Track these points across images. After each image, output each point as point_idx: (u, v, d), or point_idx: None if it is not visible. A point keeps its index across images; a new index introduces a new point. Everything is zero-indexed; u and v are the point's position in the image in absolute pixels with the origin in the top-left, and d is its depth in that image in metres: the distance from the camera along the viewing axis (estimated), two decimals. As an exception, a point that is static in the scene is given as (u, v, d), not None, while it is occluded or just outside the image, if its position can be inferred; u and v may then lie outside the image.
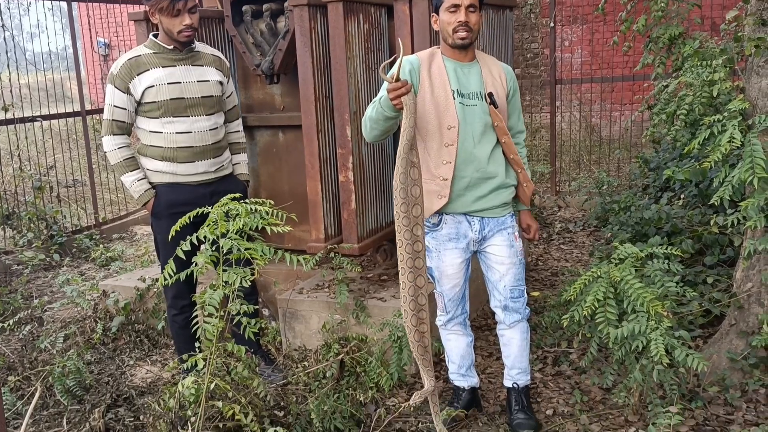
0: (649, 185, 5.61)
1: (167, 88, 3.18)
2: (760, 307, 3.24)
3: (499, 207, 2.89)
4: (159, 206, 3.29)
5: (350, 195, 3.65)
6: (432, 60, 2.84)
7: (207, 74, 3.31)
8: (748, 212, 2.92)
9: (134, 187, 3.26)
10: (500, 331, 3.05)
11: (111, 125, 3.23)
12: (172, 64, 3.22)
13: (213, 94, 3.32)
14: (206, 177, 3.33)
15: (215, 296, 2.13)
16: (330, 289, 3.89)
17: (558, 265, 5.32)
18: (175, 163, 3.25)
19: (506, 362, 3.09)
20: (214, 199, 3.21)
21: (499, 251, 2.90)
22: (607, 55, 9.15)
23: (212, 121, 3.32)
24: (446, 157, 2.80)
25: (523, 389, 3.08)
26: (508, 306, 2.94)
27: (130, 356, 4.02)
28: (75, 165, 7.94)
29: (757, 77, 3.27)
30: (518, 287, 2.94)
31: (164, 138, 3.22)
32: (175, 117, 3.21)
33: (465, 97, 2.81)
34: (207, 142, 3.30)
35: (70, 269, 5.89)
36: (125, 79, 3.16)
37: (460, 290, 3.01)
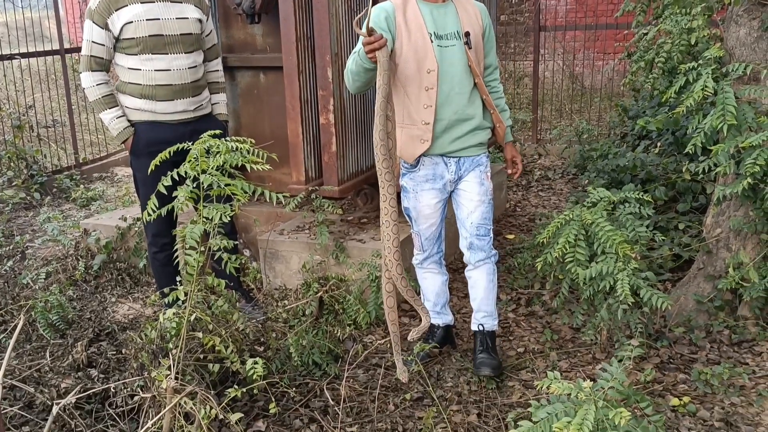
0: (627, 134, 5.68)
1: (146, 24, 3.16)
2: (727, 251, 3.34)
3: (474, 146, 2.93)
4: (138, 144, 3.30)
5: (331, 137, 3.67)
6: (407, 4, 2.82)
7: (186, 11, 3.28)
8: (718, 158, 2.99)
9: (113, 125, 3.26)
10: (467, 272, 3.11)
11: (89, 61, 3.21)
12: (150, 0, 3.19)
13: (192, 32, 3.30)
14: (185, 116, 3.34)
15: (196, 230, 2.18)
16: (310, 231, 3.95)
17: (536, 211, 5.41)
18: (153, 101, 3.25)
19: (473, 305, 3.13)
20: (194, 138, 3.21)
21: (469, 188, 2.95)
22: (592, 2, 9.11)
23: (191, 59, 3.31)
24: (426, 101, 2.81)
25: (488, 333, 3.11)
26: (474, 244, 2.99)
27: (112, 293, 4.08)
28: (54, 105, 7.86)
29: (736, 26, 3.30)
30: (485, 225, 2.98)
31: (143, 75, 3.22)
32: (154, 54, 3.20)
33: (443, 39, 2.81)
34: (186, 81, 3.29)
35: (50, 208, 5.90)
36: (103, 14, 3.14)
37: (437, 230, 3.07)
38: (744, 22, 3.27)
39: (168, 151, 2.42)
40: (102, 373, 3.07)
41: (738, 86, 3.12)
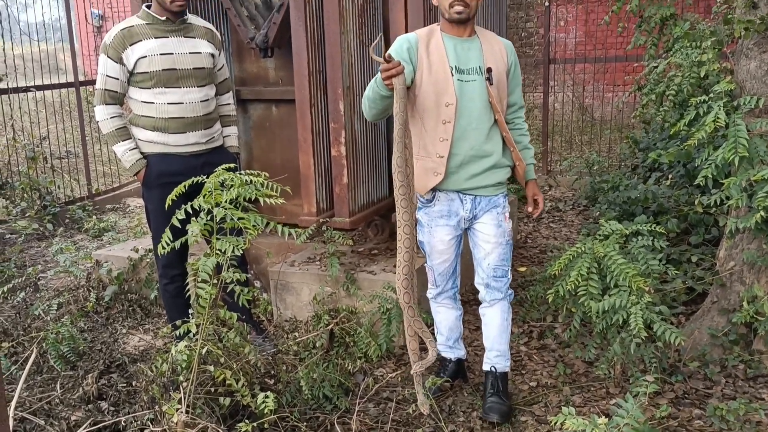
0: (638, 165, 5.68)
1: (159, 58, 3.21)
2: (741, 285, 3.31)
3: (492, 186, 2.89)
4: (150, 176, 3.34)
5: (342, 169, 3.69)
6: (431, 37, 2.83)
7: (199, 46, 3.33)
8: (730, 191, 2.98)
9: (126, 157, 3.30)
10: (482, 309, 3.09)
11: (103, 95, 3.26)
12: (164, 36, 3.24)
13: (204, 66, 3.35)
14: (197, 148, 3.37)
15: (209, 263, 2.19)
16: (321, 262, 3.95)
17: (546, 242, 5.39)
18: (166, 133, 3.28)
19: (486, 343, 3.10)
20: (205, 169, 3.25)
21: (486, 229, 2.92)
22: (601, 35, 9.17)
23: (203, 93, 3.35)
24: (443, 135, 2.80)
25: (500, 375, 3.07)
26: (490, 284, 2.97)
27: (123, 325, 4.08)
28: (68, 136, 7.93)
29: (746, 59, 3.32)
30: (502, 267, 2.95)
31: (156, 108, 3.26)
32: (167, 88, 3.25)
33: (464, 73, 2.79)
34: (198, 114, 3.33)
35: (63, 239, 5.93)
36: (118, 49, 3.19)
37: (450, 265, 3.05)
38: (754, 55, 3.28)
39: (183, 185, 2.43)
40: (112, 405, 3.05)
41: (749, 119, 3.12)
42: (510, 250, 2.97)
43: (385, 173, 4.10)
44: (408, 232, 2.52)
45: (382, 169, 4.07)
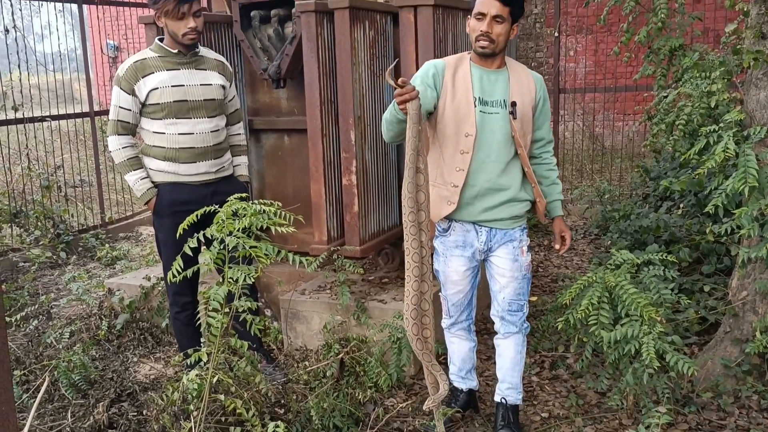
0: (649, 194, 5.67)
1: (171, 90, 3.26)
2: (754, 315, 3.29)
3: (508, 219, 2.86)
4: (161, 205, 3.37)
5: (353, 198, 3.71)
6: (459, 65, 2.81)
7: (210, 78, 3.38)
8: (741, 221, 2.97)
9: (137, 186, 3.34)
10: (496, 340, 3.08)
11: (116, 125, 3.32)
12: (176, 68, 3.30)
13: (215, 97, 3.40)
14: (207, 177, 3.41)
15: (220, 292, 2.20)
16: (332, 291, 3.96)
17: (558, 271, 5.38)
18: (176, 163, 3.33)
19: (498, 374, 3.09)
20: (215, 198, 3.30)
21: (501, 263, 2.90)
22: (611, 65, 9.22)
23: (214, 123, 3.40)
24: (460, 164, 2.78)
25: (511, 407, 3.06)
26: (505, 318, 2.96)
27: (134, 353, 4.09)
28: (82, 165, 8.04)
29: (756, 89, 3.33)
30: (517, 301, 2.94)
31: (167, 139, 3.31)
32: (178, 119, 3.29)
33: (487, 105, 2.78)
34: (208, 144, 3.38)
35: (76, 267, 5.97)
36: (131, 81, 3.25)
37: (465, 297, 3.03)
38: (764, 85, 3.30)
39: (195, 215, 2.46)
40: (122, 434, 3.05)
41: (759, 149, 3.12)
42: (527, 284, 2.95)
43: (395, 202, 4.12)
44: (416, 260, 2.48)
45: (393, 197, 4.09)
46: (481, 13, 2.71)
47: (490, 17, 2.69)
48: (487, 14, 2.70)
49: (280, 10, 3.97)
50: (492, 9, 2.69)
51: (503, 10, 2.69)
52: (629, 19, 4.11)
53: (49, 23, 9.06)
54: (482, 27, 2.71)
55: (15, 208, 6.34)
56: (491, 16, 2.69)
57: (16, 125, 6.45)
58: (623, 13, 4.07)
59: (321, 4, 3.59)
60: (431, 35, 3.52)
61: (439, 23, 3.57)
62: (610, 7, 4.11)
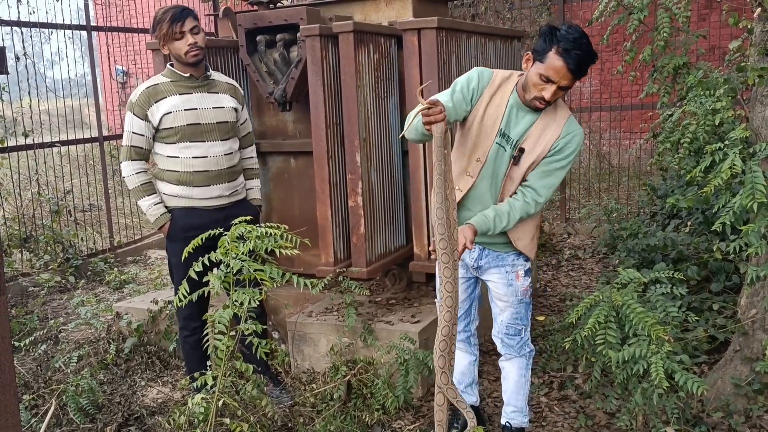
0: (657, 212, 5.65)
1: (184, 114, 3.29)
2: (764, 333, 3.26)
3: (500, 243, 2.83)
4: (174, 229, 3.39)
5: (359, 219, 3.72)
6: (502, 86, 2.71)
7: (222, 101, 3.42)
8: (749, 238, 2.96)
9: (151, 211, 3.36)
10: (500, 362, 3.07)
11: (130, 151, 3.34)
12: (188, 92, 3.33)
13: (228, 120, 3.43)
14: (220, 201, 3.42)
15: (225, 315, 2.20)
16: (339, 313, 3.95)
17: (566, 291, 5.35)
18: (190, 187, 3.35)
19: (504, 396, 3.07)
20: (227, 222, 3.30)
21: (496, 288, 2.89)
22: (616, 83, 9.24)
23: (227, 146, 3.42)
24: (462, 185, 2.76)
25: (516, 430, 3.04)
26: (504, 341, 2.96)
27: (142, 377, 4.09)
28: (92, 190, 8.09)
29: (761, 106, 3.33)
30: (514, 326, 2.92)
31: (181, 162, 3.33)
32: (192, 142, 3.32)
33: (504, 138, 2.70)
34: (222, 167, 3.40)
35: (84, 291, 5.99)
36: (143, 106, 3.28)
37: (461, 306, 3.00)
38: (769, 102, 3.30)
39: (201, 237, 2.47)
40: (130, 459, 3.05)
41: (766, 165, 3.11)
42: (525, 308, 2.92)
43: (402, 223, 4.13)
44: (450, 289, 2.35)
45: (399, 218, 4.10)
46: (548, 79, 2.55)
47: (557, 87, 2.56)
48: (556, 83, 2.55)
49: (286, 34, 4.01)
50: (563, 80, 2.55)
51: (573, 82, 2.58)
52: (633, 38, 4.12)
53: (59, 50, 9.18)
54: (545, 93, 2.57)
55: (25, 233, 6.39)
56: (559, 86, 2.56)
57: (26, 151, 6.51)
58: (627, 32, 4.08)
59: (325, 28, 3.63)
60: (435, 57, 3.55)
61: (443, 45, 3.59)
62: (614, 26, 4.13)
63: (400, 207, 4.10)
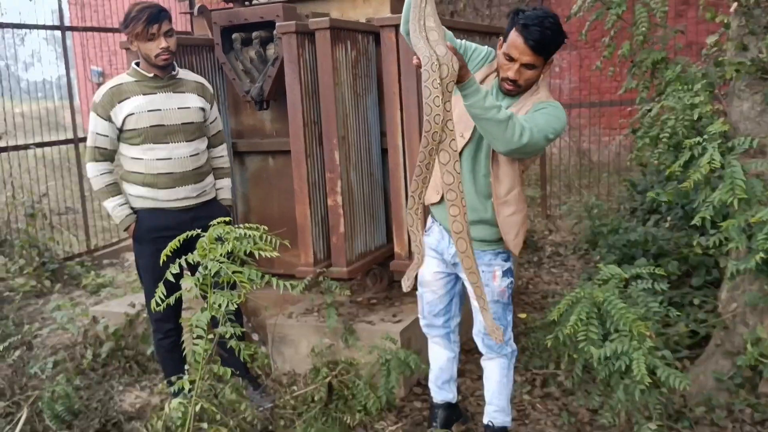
0: (637, 208, 5.67)
1: (147, 115, 3.23)
2: (745, 327, 3.27)
3: (477, 241, 2.69)
4: (140, 231, 3.33)
5: (339, 219, 3.68)
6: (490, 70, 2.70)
7: (188, 101, 3.35)
8: (729, 233, 2.96)
9: (116, 212, 3.31)
10: (482, 361, 3.04)
11: (94, 152, 3.28)
12: (152, 92, 3.27)
13: (194, 121, 3.36)
14: (187, 203, 3.37)
15: (203, 318, 2.16)
16: (319, 313, 3.91)
17: (548, 288, 5.35)
18: (155, 188, 3.29)
19: (486, 396, 3.04)
20: (195, 224, 3.26)
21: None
22: (596, 80, 9.26)
23: (192, 147, 3.36)
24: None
25: (499, 429, 3.02)
26: (484, 340, 2.93)
27: (120, 382, 4.01)
28: (68, 192, 7.97)
29: (739, 100, 3.34)
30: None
31: (145, 164, 3.27)
32: (156, 144, 3.26)
33: None
34: (187, 168, 3.34)
35: (61, 296, 5.89)
36: (107, 107, 3.22)
37: (439, 300, 2.97)
38: (746, 96, 3.31)
39: (178, 240, 2.42)
40: (107, 466, 2.99)
41: (744, 159, 3.12)
42: (503, 308, 2.87)
43: (382, 221, 4.09)
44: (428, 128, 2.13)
45: (380, 217, 4.06)
46: (510, 57, 2.52)
47: (520, 64, 2.52)
48: (517, 60, 2.52)
49: (262, 32, 3.96)
50: (524, 57, 2.50)
51: (536, 59, 2.52)
52: (611, 33, 4.12)
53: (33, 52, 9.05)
54: (510, 73, 2.54)
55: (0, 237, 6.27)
56: (521, 63, 2.52)
57: (0, 154, 6.40)
58: (606, 28, 4.08)
59: (302, 25, 3.58)
60: (414, 54, 3.51)
61: (421, 42, 3.55)
62: (592, 22, 4.12)
63: (380, 206, 4.07)
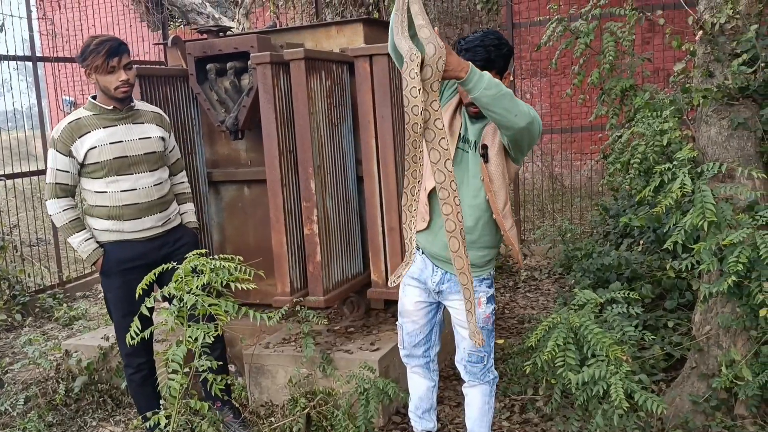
0: (609, 232, 5.72)
1: (109, 148, 3.21)
2: (719, 349, 3.30)
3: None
4: (108, 264, 3.30)
5: (315, 247, 3.68)
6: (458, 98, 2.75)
7: (148, 131, 3.34)
8: (701, 256, 3.00)
9: (82, 248, 3.27)
10: (464, 388, 3.02)
11: (54, 188, 3.24)
12: (113, 124, 3.25)
13: (155, 150, 3.35)
14: (153, 232, 3.34)
15: (179, 353, 2.13)
16: (296, 343, 3.88)
17: (524, 312, 5.37)
18: (121, 221, 3.26)
19: (467, 423, 3.03)
20: (163, 250, 3.27)
21: (458, 314, 2.84)
22: (566, 106, 9.40)
23: (156, 177, 3.34)
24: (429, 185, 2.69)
25: None
26: (467, 368, 2.92)
27: (93, 417, 3.94)
28: (39, 223, 7.88)
29: (707, 126, 3.41)
30: (477, 353, 2.87)
31: (109, 197, 3.24)
32: (119, 175, 3.24)
33: (465, 143, 2.72)
34: (152, 198, 3.32)
35: (32, 329, 5.79)
36: (66, 142, 3.18)
37: (420, 330, 2.97)
38: (714, 121, 3.38)
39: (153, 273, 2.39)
40: (81, 504, 2.92)
41: (714, 184, 3.18)
42: (487, 335, 2.86)
43: (359, 249, 4.09)
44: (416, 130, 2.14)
45: (356, 245, 4.06)
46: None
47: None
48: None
49: (236, 62, 3.98)
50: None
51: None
52: (580, 61, 4.20)
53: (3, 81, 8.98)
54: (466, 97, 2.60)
55: (-32, 270, 6.16)
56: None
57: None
58: (575, 56, 4.16)
59: (276, 55, 3.60)
60: (387, 83, 3.55)
61: (395, 71, 3.59)
62: (561, 51, 4.20)
63: (357, 233, 4.07)
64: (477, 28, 8.50)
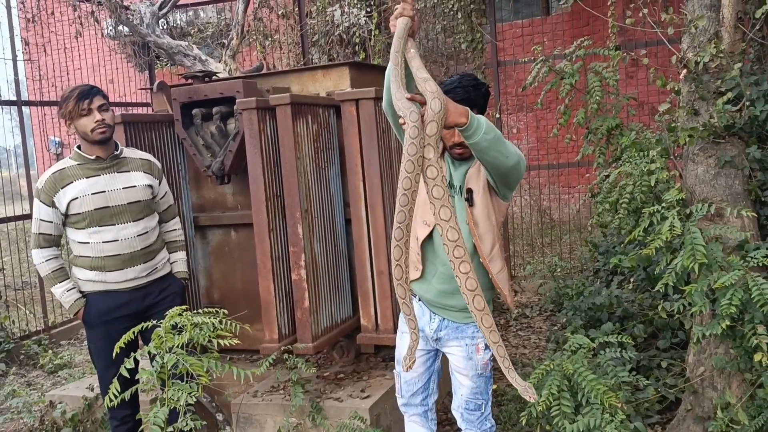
0: (600, 269, 5.70)
1: (91, 198, 3.17)
2: (713, 391, 3.26)
3: (458, 312, 2.72)
4: (90, 315, 3.25)
5: (303, 293, 3.63)
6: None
7: (133, 179, 3.30)
8: (692, 298, 2.97)
9: (64, 298, 3.23)
10: None
11: (38, 239, 3.22)
12: (96, 174, 3.21)
13: (141, 199, 3.30)
14: (136, 283, 3.29)
15: (160, 414, 2.07)
16: (285, 391, 3.81)
17: (516, 352, 5.31)
18: (104, 272, 3.22)
19: None
20: (147, 300, 3.23)
21: (456, 361, 2.79)
22: (552, 141, 9.44)
23: (141, 227, 3.29)
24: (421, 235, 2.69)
25: None
26: (464, 415, 2.85)
27: (78, 471, 3.84)
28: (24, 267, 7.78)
29: (693, 164, 3.41)
30: (474, 401, 2.81)
31: (92, 248, 3.20)
32: (101, 226, 3.19)
33: (451, 188, 2.68)
34: (135, 248, 3.27)
35: (16, 377, 5.67)
36: (49, 193, 3.16)
37: (418, 378, 2.91)
38: (700, 160, 3.38)
39: (133, 332, 2.34)
40: None
41: (702, 224, 3.16)
42: (485, 382, 2.81)
43: (348, 293, 4.04)
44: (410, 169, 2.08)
45: (345, 289, 4.01)
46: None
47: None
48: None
49: (222, 107, 3.97)
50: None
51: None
52: (566, 101, 4.21)
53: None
54: (455, 138, 2.59)
55: (-49, 317, 6.05)
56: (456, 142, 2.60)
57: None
58: (560, 96, 4.17)
59: (262, 101, 3.59)
60: (374, 126, 3.54)
61: (382, 114, 3.59)
62: (546, 91, 4.21)
63: (345, 277, 4.02)
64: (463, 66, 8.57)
